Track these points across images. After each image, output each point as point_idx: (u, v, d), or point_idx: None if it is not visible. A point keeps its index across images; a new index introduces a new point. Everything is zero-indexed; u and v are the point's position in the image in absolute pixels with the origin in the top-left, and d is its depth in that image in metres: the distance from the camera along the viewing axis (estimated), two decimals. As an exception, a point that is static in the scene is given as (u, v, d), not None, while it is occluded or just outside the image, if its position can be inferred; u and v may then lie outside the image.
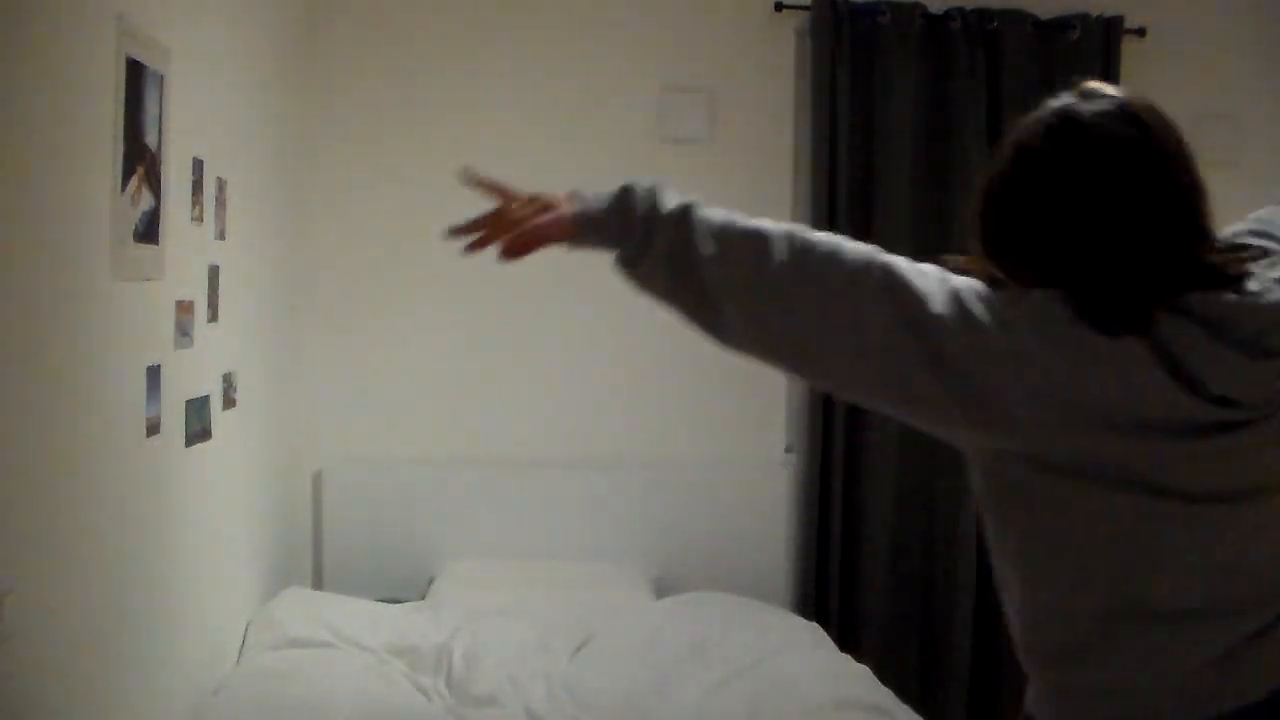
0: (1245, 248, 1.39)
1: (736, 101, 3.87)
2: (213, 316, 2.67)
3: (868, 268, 1.36)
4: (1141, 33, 3.94)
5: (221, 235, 2.74)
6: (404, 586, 3.57)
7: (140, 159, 2.16)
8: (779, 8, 3.82)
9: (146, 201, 2.20)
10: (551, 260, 1.55)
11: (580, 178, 1.55)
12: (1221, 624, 1.32)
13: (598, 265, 1.45)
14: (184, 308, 2.45)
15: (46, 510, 1.81)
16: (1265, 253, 1.39)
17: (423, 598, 3.45)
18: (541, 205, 1.45)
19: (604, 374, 3.82)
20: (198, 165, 2.55)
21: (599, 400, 3.82)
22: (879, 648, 3.72)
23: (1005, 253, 1.40)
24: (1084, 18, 3.86)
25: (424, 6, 3.77)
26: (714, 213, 1.42)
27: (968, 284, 1.37)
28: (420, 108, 3.74)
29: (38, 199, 1.77)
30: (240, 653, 2.95)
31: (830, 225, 3.64)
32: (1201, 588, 1.33)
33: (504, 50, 3.77)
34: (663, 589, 3.62)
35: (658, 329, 3.99)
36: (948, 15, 3.81)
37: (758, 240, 1.38)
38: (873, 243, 1.40)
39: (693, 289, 1.39)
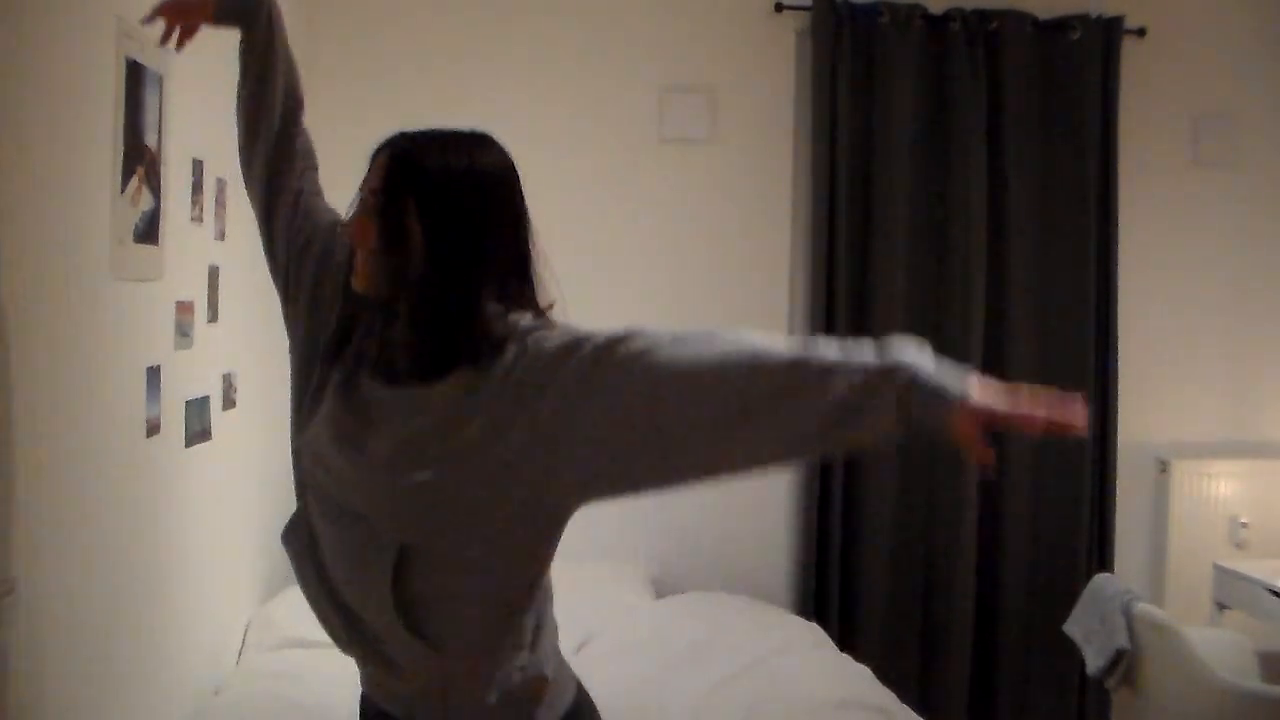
0: None
1: (736, 101, 3.87)
2: (213, 317, 2.67)
3: None
4: (1141, 33, 3.94)
5: (221, 235, 2.74)
6: (404, 586, 3.56)
7: (140, 159, 2.16)
8: (779, 8, 3.82)
9: (146, 202, 2.20)
10: (550, 259, 1.55)
11: (581, 177, 1.54)
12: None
13: (596, 264, 1.46)
14: (184, 308, 2.45)
15: (47, 510, 1.81)
16: None
17: (423, 598, 3.45)
18: None
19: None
20: (198, 165, 2.55)
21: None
22: (879, 648, 3.72)
23: None
24: (1084, 18, 3.86)
25: (424, 8, 3.77)
26: None
27: None
28: (419, 108, 3.71)
29: (38, 199, 1.77)
30: (240, 653, 2.95)
31: (830, 224, 3.64)
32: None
33: (504, 51, 3.77)
34: (663, 589, 3.62)
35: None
36: (948, 15, 3.81)
37: None
38: (873, 241, 1.37)
39: None
